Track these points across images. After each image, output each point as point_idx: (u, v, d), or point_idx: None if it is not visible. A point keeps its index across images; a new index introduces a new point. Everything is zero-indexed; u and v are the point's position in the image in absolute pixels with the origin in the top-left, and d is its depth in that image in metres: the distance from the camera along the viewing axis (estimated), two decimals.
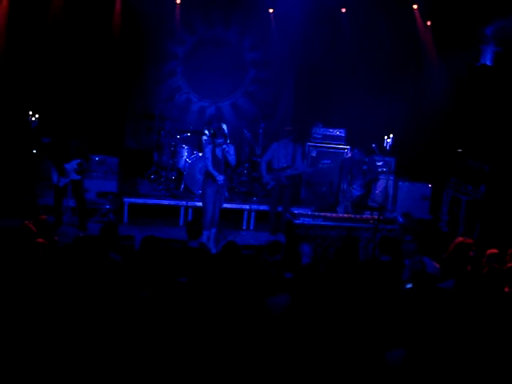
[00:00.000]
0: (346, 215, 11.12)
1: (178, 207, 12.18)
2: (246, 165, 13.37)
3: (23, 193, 11.76)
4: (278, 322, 5.72)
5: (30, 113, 11.87)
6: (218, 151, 10.51)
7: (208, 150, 10.58)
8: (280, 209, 11.85)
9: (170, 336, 5.51)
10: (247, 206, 12.36)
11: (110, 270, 6.62)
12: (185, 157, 12.79)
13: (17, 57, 12.91)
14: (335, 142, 13.30)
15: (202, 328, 5.59)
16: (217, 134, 10.62)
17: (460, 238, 8.65)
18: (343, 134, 13.36)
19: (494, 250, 8.10)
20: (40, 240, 7.05)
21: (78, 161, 10.67)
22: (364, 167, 11.62)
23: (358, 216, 11.04)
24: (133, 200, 12.16)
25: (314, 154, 13.19)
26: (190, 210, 12.12)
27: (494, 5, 12.04)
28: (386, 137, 13.24)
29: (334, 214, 10.96)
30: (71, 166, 10.64)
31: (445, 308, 6.29)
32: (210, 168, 10.46)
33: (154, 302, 5.91)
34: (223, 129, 11.21)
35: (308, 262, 7.40)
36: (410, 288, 6.84)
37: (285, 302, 6.13)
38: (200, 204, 11.34)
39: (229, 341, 5.49)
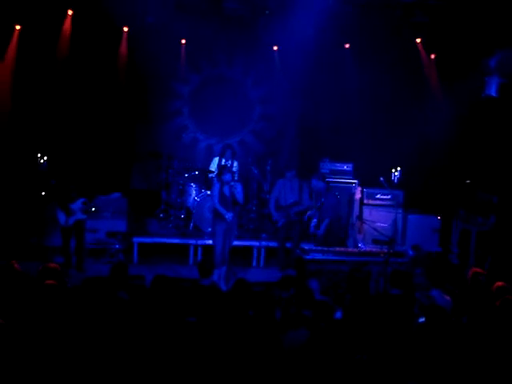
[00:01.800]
0: (355, 249, 11.09)
1: (187, 246, 12.18)
2: (255, 202, 13.35)
3: (31, 234, 11.79)
4: (293, 358, 5.67)
5: (39, 155, 11.95)
6: (226, 189, 10.55)
7: (215, 187, 10.63)
8: (289, 245, 11.84)
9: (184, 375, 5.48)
10: (257, 243, 12.33)
11: (119, 310, 6.58)
12: (193, 195, 12.81)
13: (24, 98, 13.04)
14: (343, 176, 13.29)
15: (215, 366, 5.56)
16: (223, 171, 10.66)
17: (474, 269, 8.63)
18: (350, 169, 13.37)
19: (500, 283, 8.04)
20: (50, 282, 7.00)
21: (83, 199, 10.73)
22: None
23: (367, 250, 11.00)
24: (142, 239, 12.17)
25: None
26: (199, 248, 12.11)
27: (498, 36, 12.11)
28: (393, 170, 13.25)
29: (343, 249, 10.93)
30: (77, 205, 10.69)
31: (458, 341, 6.24)
32: (217, 205, 10.49)
33: (167, 342, 5.88)
34: (229, 167, 11.21)
35: (321, 299, 7.35)
36: (422, 322, 6.78)
37: (302, 337, 6.08)
38: (210, 242, 11.36)
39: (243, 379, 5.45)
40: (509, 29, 11.97)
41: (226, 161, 12.58)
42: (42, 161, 12.01)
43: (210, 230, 11.97)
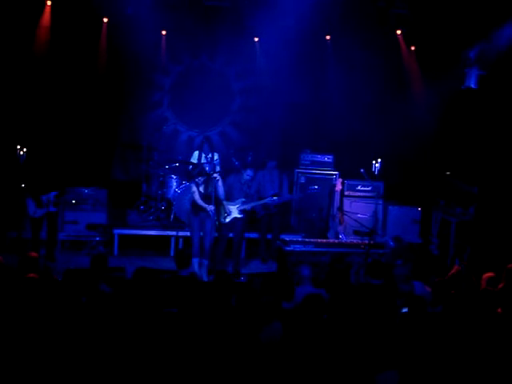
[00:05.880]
0: (336, 240, 11.12)
1: (168, 237, 12.15)
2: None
3: (11, 227, 11.69)
4: (270, 351, 5.68)
5: (18, 147, 11.85)
6: (201, 188, 10.54)
7: (193, 187, 10.61)
8: (269, 236, 11.86)
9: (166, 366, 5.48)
10: None
11: (100, 302, 6.56)
12: (174, 187, 12.76)
13: (2, 89, 12.91)
14: (323, 167, 13.30)
15: (194, 357, 5.56)
16: (195, 176, 10.63)
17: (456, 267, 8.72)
18: (331, 160, 13.37)
19: (491, 274, 8.12)
20: (31, 275, 6.97)
21: (55, 193, 10.65)
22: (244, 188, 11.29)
23: (348, 241, 11.04)
24: (123, 231, 12.12)
25: (302, 181, 13.18)
26: (180, 239, 12.08)
27: (477, 29, 12.18)
28: (374, 161, 13.29)
29: (324, 240, 10.96)
30: (48, 197, 10.61)
31: (437, 331, 6.29)
32: (199, 201, 10.46)
33: (147, 333, 5.87)
34: (201, 168, 11.13)
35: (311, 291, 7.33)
36: (405, 312, 6.82)
37: (278, 331, 6.09)
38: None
39: (221, 371, 5.45)
40: (488, 21, 12.06)
41: (206, 154, 12.54)
42: (21, 153, 11.92)
43: (187, 222, 11.96)
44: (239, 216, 11.03)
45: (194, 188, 10.53)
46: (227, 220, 10.99)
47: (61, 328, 5.84)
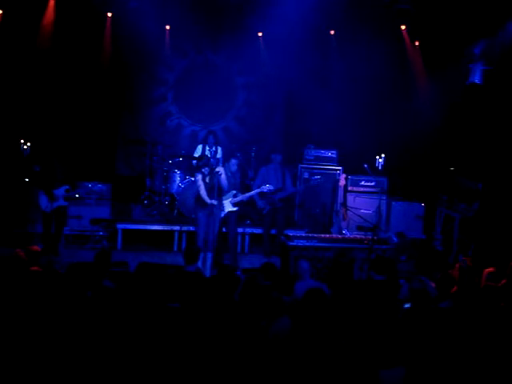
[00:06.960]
0: (340, 236, 11.10)
1: (171, 232, 12.15)
2: (239, 188, 13.32)
3: (15, 221, 11.72)
4: (277, 347, 5.67)
5: (22, 141, 11.86)
6: (207, 179, 10.54)
7: (198, 178, 10.60)
8: (273, 231, 11.86)
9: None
10: (241, 230, 12.30)
11: (103, 296, 6.57)
12: (177, 181, 12.78)
13: (7, 84, 12.92)
14: (327, 163, 13.27)
15: (197, 353, 5.55)
16: (200, 165, 10.62)
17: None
18: (335, 155, 13.35)
19: (491, 269, 8.10)
20: (34, 268, 6.99)
21: (67, 187, 10.68)
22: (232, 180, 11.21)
23: (352, 236, 11.02)
24: (126, 226, 12.14)
25: (306, 176, 13.17)
26: (183, 234, 12.09)
27: (482, 24, 12.13)
28: (377, 157, 13.27)
29: (328, 235, 10.94)
30: (60, 191, 10.64)
31: (443, 327, 6.27)
32: (204, 195, 10.46)
33: (150, 328, 5.87)
34: (206, 158, 11.11)
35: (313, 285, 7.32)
36: (408, 308, 6.81)
37: (285, 325, 6.08)
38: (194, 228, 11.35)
39: (226, 367, 5.45)
40: (493, 16, 12.01)
41: (210, 148, 12.52)
42: (25, 147, 11.93)
43: (193, 216, 11.94)
44: (233, 209, 11.03)
45: (200, 181, 10.51)
46: (221, 215, 10.97)
47: (64, 321, 5.85)
